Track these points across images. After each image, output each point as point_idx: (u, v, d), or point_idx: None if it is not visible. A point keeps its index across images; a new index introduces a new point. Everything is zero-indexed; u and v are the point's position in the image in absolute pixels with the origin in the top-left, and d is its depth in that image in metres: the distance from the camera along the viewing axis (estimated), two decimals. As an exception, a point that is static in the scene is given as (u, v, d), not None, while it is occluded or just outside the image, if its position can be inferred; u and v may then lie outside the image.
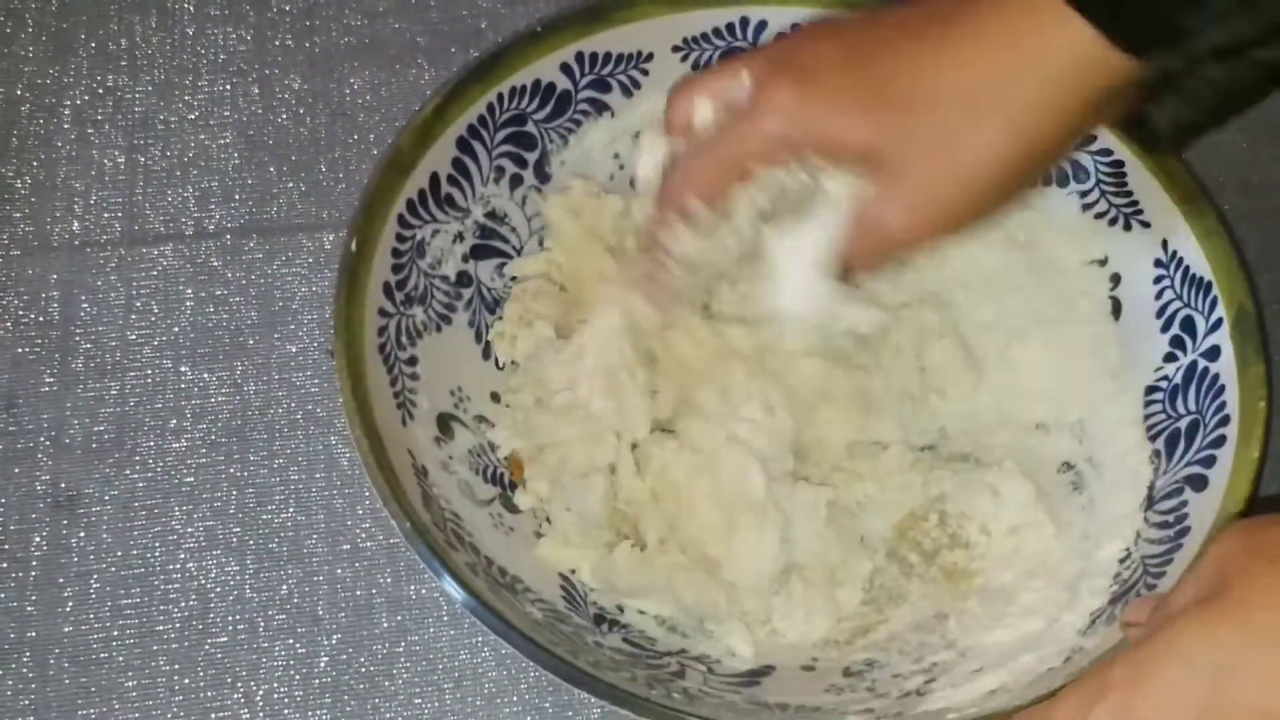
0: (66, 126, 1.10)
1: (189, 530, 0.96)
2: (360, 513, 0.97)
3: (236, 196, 1.08)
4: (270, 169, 1.09)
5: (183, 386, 1.01)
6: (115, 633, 0.92)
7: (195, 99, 1.12)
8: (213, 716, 0.90)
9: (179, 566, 0.95)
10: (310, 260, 1.06)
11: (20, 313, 1.02)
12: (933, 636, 0.90)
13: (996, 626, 0.88)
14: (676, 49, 0.99)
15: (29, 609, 0.93)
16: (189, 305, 1.04)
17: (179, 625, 0.93)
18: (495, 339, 0.96)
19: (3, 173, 1.08)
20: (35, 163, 1.08)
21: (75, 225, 1.06)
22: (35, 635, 0.92)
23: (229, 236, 1.06)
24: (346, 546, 0.96)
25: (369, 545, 0.96)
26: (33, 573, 0.94)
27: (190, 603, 0.94)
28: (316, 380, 1.01)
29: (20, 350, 1.01)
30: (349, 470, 0.98)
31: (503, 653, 0.92)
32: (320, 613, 0.94)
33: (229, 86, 1.13)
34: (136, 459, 0.98)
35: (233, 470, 0.98)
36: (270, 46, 1.15)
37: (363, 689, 0.92)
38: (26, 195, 1.07)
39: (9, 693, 0.90)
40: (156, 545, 0.95)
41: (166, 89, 1.12)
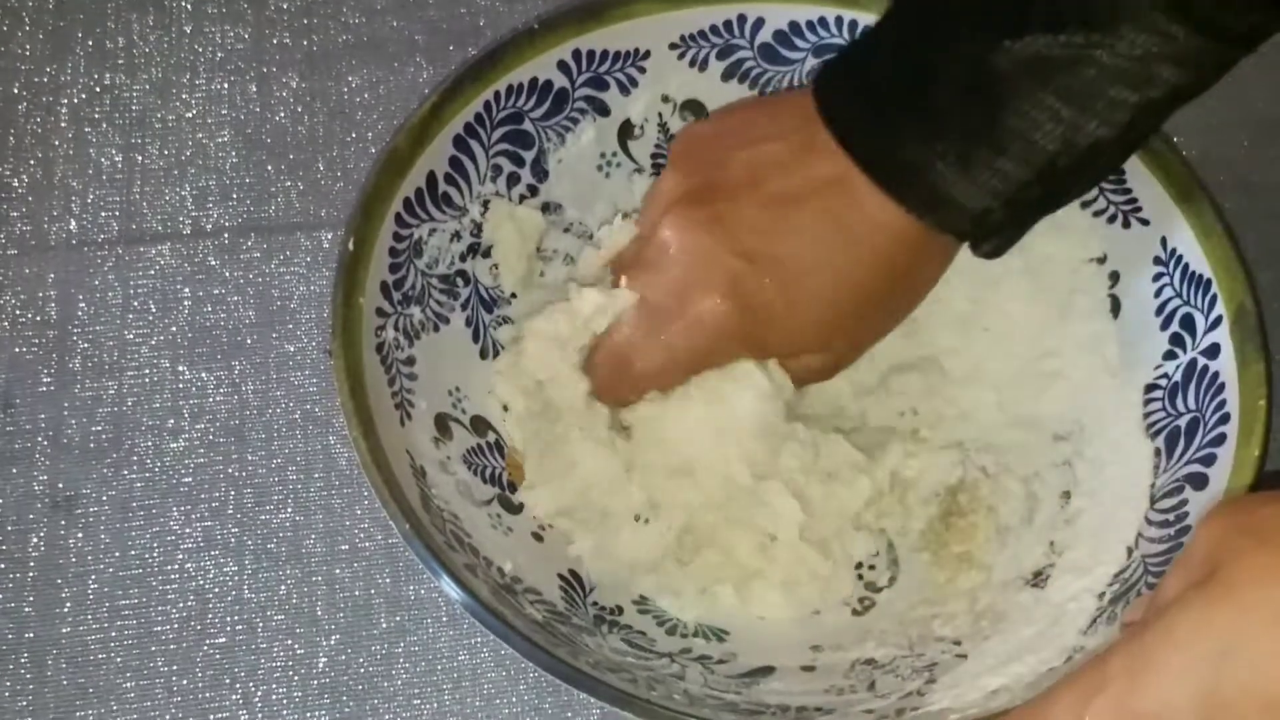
0: (63, 125, 1.10)
1: (187, 531, 0.96)
2: (359, 513, 0.97)
3: (234, 195, 1.08)
4: (268, 168, 1.09)
5: (180, 386, 1.01)
6: (113, 633, 0.92)
7: (193, 97, 1.12)
8: (211, 717, 0.90)
9: (177, 567, 0.95)
10: (308, 259, 1.05)
11: (17, 312, 1.02)
12: (931, 627, 0.90)
13: (996, 628, 0.88)
14: (674, 46, 0.98)
15: (26, 610, 0.93)
16: (186, 304, 1.03)
17: (177, 626, 0.93)
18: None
19: (0, 171, 1.08)
20: (32, 162, 1.08)
21: (72, 224, 1.06)
22: (33, 636, 0.92)
23: (227, 235, 1.06)
24: (345, 547, 0.96)
25: (367, 545, 0.96)
26: (30, 573, 0.94)
27: (188, 603, 0.94)
28: (315, 380, 1.01)
29: (17, 350, 1.01)
30: (347, 470, 0.98)
31: (502, 653, 0.92)
32: (319, 613, 0.94)
33: (226, 85, 1.13)
34: (134, 459, 0.98)
35: (231, 470, 0.98)
36: (268, 45, 1.14)
37: (361, 689, 0.92)
38: (23, 194, 1.07)
39: (7, 694, 0.90)
40: (154, 546, 0.95)
41: (164, 87, 1.12)
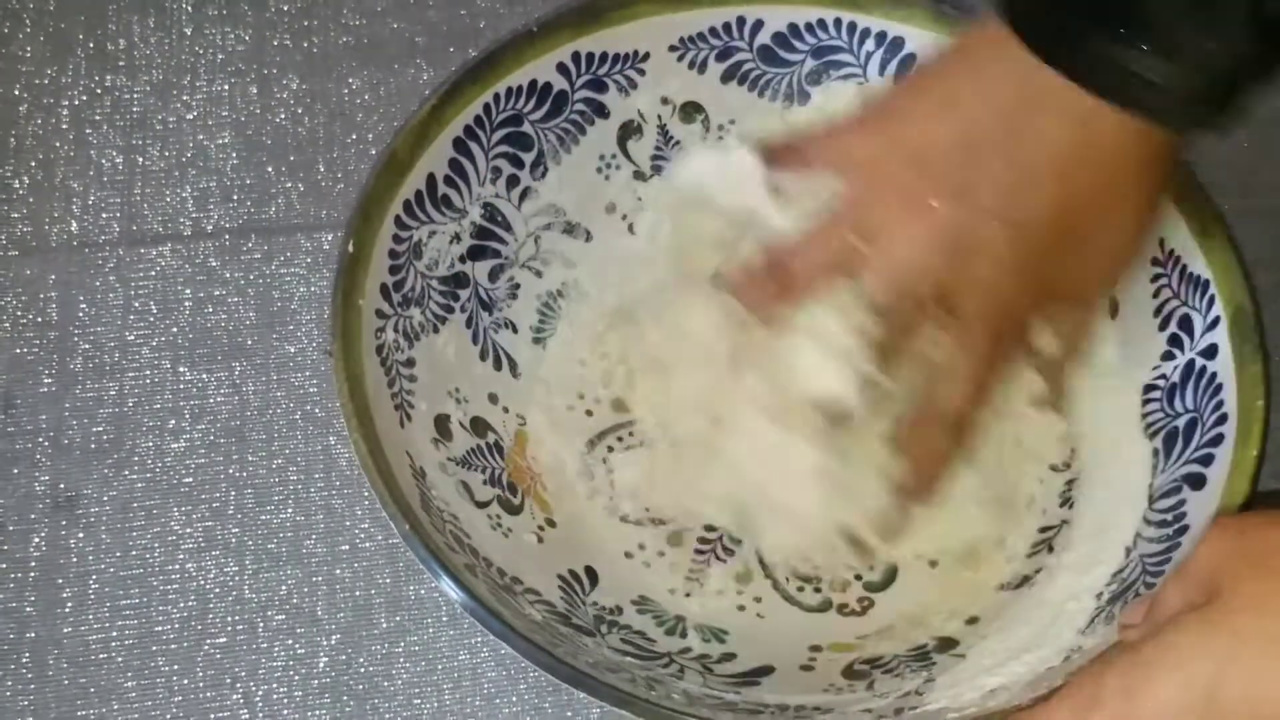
0: (64, 127, 1.10)
1: (188, 531, 0.96)
2: (359, 513, 0.97)
3: (235, 197, 1.08)
4: (269, 169, 1.09)
5: (181, 387, 1.01)
6: (114, 633, 0.93)
7: (193, 99, 1.12)
8: (212, 717, 0.91)
9: (178, 567, 0.95)
10: (309, 260, 1.06)
11: (18, 313, 1.02)
12: (930, 627, 0.91)
13: (994, 627, 0.88)
14: (673, 48, 0.99)
15: (28, 610, 0.93)
16: (187, 306, 1.04)
17: (178, 626, 0.93)
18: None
19: (0, 173, 1.08)
20: (33, 163, 1.08)
21: (73, 226, 1.06)
22: (34, 636, 0.92)
23: (227, 237, 1.06)
24: (345, 547, 0.96)
25: (368, 545, 0.96)
26: (32, 573, 0.94)
27: (189, 603, 0.94)
28: (315, 381, 1.01)
29: (18, 351, 1.01)
30: (348, 470, 0.98)
31: (502, 653, 0.92)
32: (319, 613, 0.94)
33: (227, 86, 1.13)
34: (135, 459, 0.98)
35: (231, 471, 0.98)
36: (268, 46, 1.15)
37: (362, 689, 0.92)
38: (24, 196, 1.07)
39: (8, 693, 0.90)
40: (155, 546, 0.95)
41: (164, 89, 1.12)
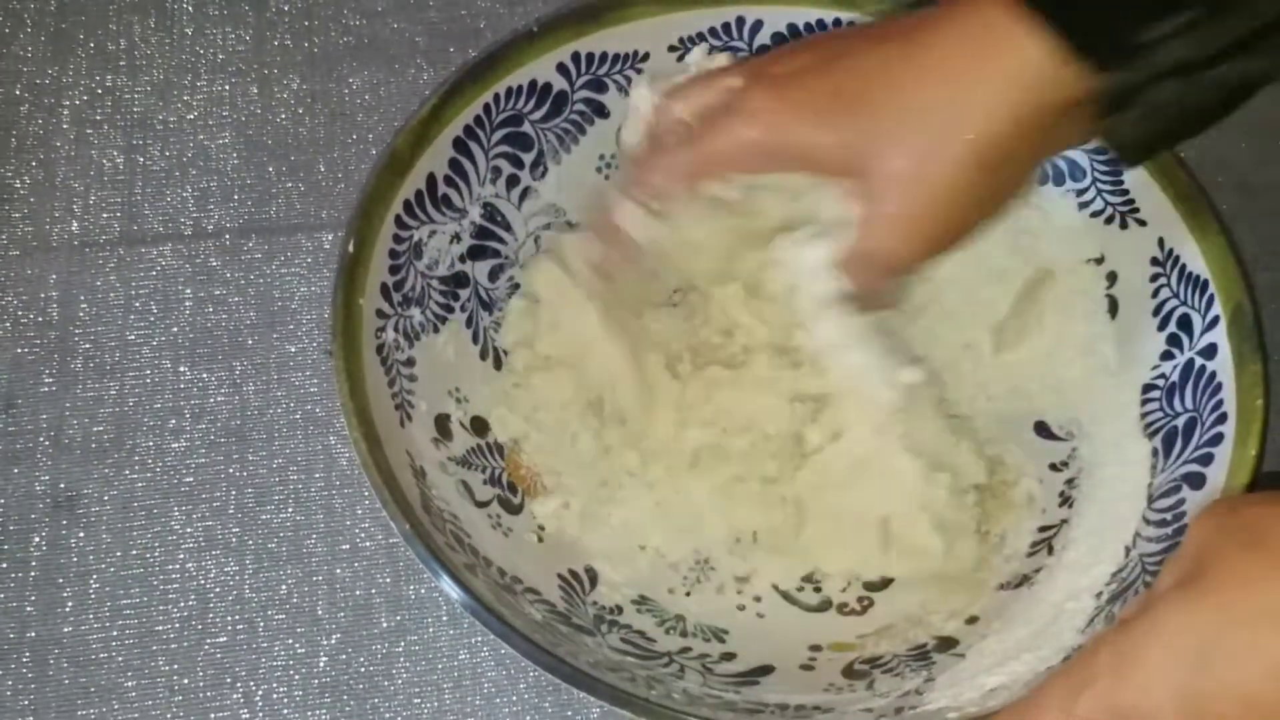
0: (65, 127, 1.10)
1: (188, 530, 0.96)
2: (359, 513, 0.97)
3: (235, 196, 1.08)
4: (269, 169, 1.09)
5: (182, 387, 1.01)
6: (115, 633, 0.93)
7: (194, 99, 1.12)
8: (212, 716, 0.91)
9: (178, 566, 0.95)
10: (309, 260, 1.06)
11: (19, 313, 1.02)
12: (930, 627, 0.91)
13: (994, 627, 0.88)
14: (672, 49, 0.99)
15: (28, 609, 0.93)
16: (188, 305, 1.04)
17: (178, 625, 0.93)
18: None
19: (2, 173, 1.08)
20: (34, 163, 1.09)
21: (74, 225, 1.06)
22: (35, 635, 0.92)
23: (228, 236, 1.06)
24: (346, 546, 0.96)
25: (368, 545, 0.96)
26: (32, 573, 0.94)
27: (189, 603, 0.94)
28: (315, 380, 1.01)
29: (19, 350, 1.01)
30: (348, 470, 0.98)
31: (502, 652, 0.92)
32: (319, 613, 0.94)
33: (228, 86, 1.13)
34: (136, 459, 0.98)
35: (232, 470, 0.98)
36: (269, 46, 1.15)
37: (362, 689, 0.92)
38: (25, 195, 1.07)
39: (8, 693, 0.90)
40: (156, 545, 0.96)
41: (165, 89, 1.13)
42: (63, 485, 0.97)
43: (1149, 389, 0.92)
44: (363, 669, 0.92)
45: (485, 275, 0.97)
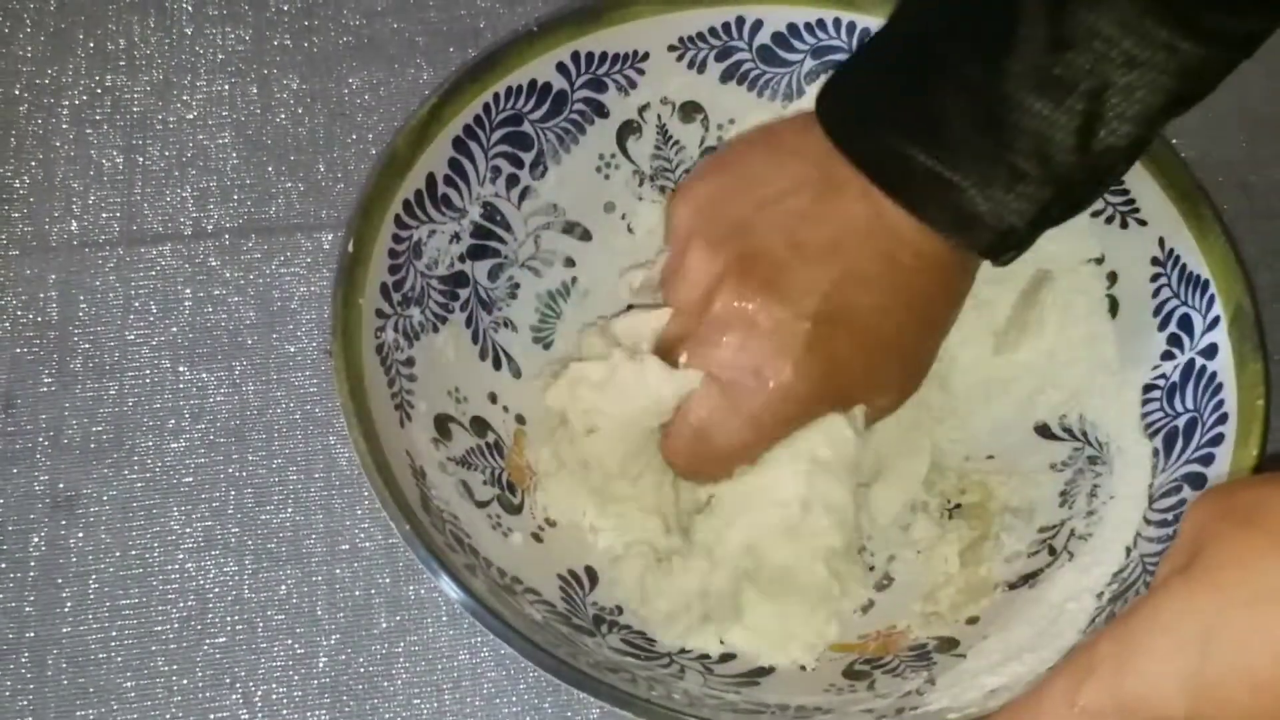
0: (65, 126, 1.10)
1: (187, 530, 0.96)
2: (359, 513, 0.97)
3: (235, 196, 1.08)
4: (269, 169, 1.09)
5: (181, 387, 1.01)
6: (114, 633, 0.92)
7: (193, 99, 1.12)
8: (211, 717, 0.91)
9: (177, 567, 0.95)
10: (309, 260, 1.06)
11: (18, 313, 1.02)
12: (930, 627, 0.91)
13: (995, 627, 0.88)
14: (672, 48, 0.99)
15: (27, 609, 0.93)
16: (187, 305, 1.04)
17: (177, 626, 0.93)
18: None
19: (1, 173, 1.08)
20: (33, 163, 1.08)
21: (73, 225, 1.06)
22: (34, 636, 0.92)
23: (227, 236, 1.06)
24: (345, 547, 0.96)
25: (368, 545, 0.96)
26: (31, 573, 0.94)
27: (189, 603, 0.94)
28: (315, 380, 1.01)
29: (18, 350, 1.01)
30: (348, 470, 0.98)
31: (502, 653, 0.92)
32: (319, 613, 0.94)
33: (227, 86, 1.13)
34: (135, 459, 0.98)
35: (231, 470, 0.98)
36: (268, 46, 1.15)
37: (361, 689, 0.92)
38: (24, 195, 1.07)
39: (7, 693, 0.90)
40: (155, 545, 0.95)
41: (165, 89, 1.12)
42: (62, 485, 0.97)
43: (1149, 389, 0.92)
44: (362, 669, 0.92)
45: (485, 275, 0.97)
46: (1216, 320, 0.88)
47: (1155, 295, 0.93)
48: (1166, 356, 0.91)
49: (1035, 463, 0.96)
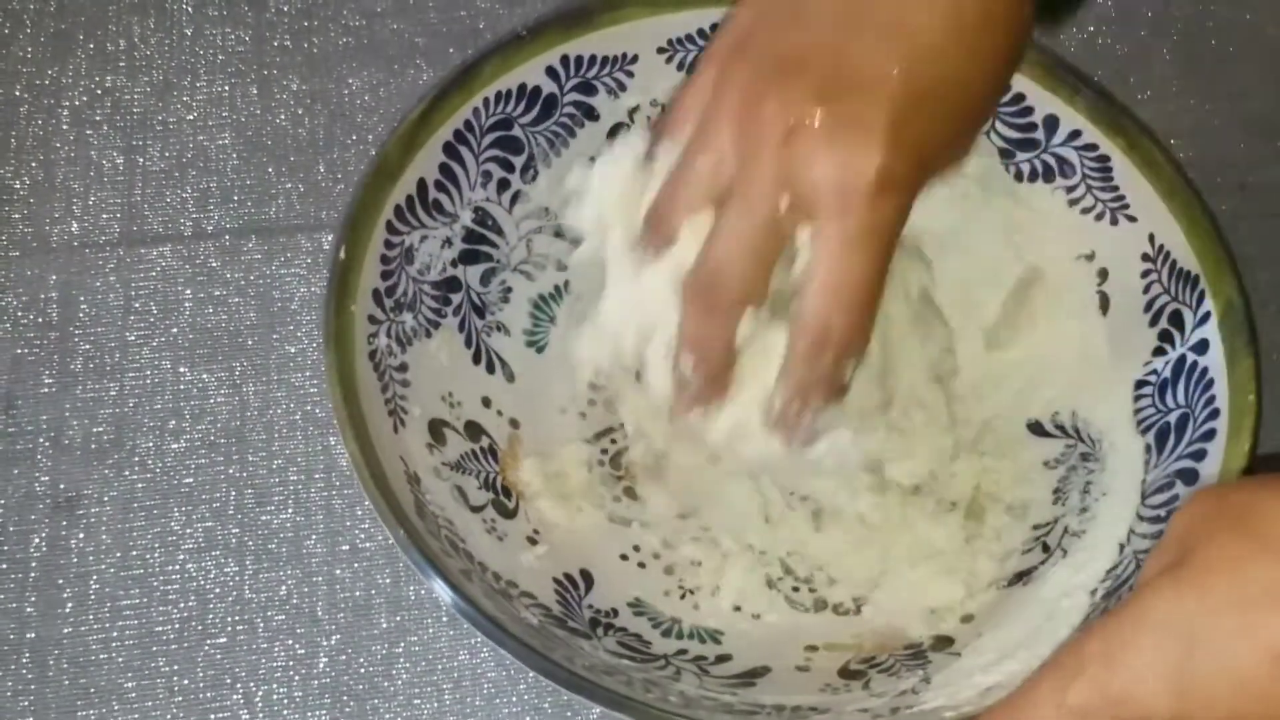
0: (65, 127, 1.11)
1: (188, 531, 0.97)
2: (359, 514, 0.98)
3: (235, 197, 1.09)
4: (269, 170, 1.10)
5: (181, 387, 1.01)
6: (114, 634, 0.93)
7: (194, 100, 1.13)
8: (211, 717, 0.91)
9: (178, 567, 0.95)
10: (309, 261, 1.06)
11: (19, 314, 1.03)
12: (925, 626, 0.91)
13: (989, 625, 0.89)
14: (661, 50, 0.98)
15: (28, 610, 0.94)
16: (188, 306, 1.04)
17: (178, 626, 0.94)
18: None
19: (1, 173, 1.08)
20: (34, 164, 1.09)
21: (74, 226, 1.06)
22: (34, 636, 0.93)
23: (228, 237, 1.07)
24: (345, 547, 0.97)
25: (368, 546, 0.97)
26: (32, 574, 0.95)
27: (189, 604, 0.94)
28: (315, 381, 1.02)
29: (19, 351, 1.02)
30: (348, 471, 0.98)
31: (502, 653, 0.92)
32: (319, 613, 0.95)
33: (227, 87, 1.13)
34: (135, 460, 0.99)
35: (232, 471, 0.99)
36: (268, 47, 1.15)
37: (362, 690, 0.92)
38: (25, 196, 1.07)
39: (8, 694, 0.91)
40: (155, 546, 0.96)
41: (165, 90, 1.13)
42: (62, 486, 0.97)
43: (1141, 385, 0.92)
44: (362, 670, 0.93)
45: (477, 279, 0.97)
46: (1207, 316, 0.88)
47: (1146, 291, 0.93)
48: (1158, 352, 0.91)
49: (1028, 460, 0.96)
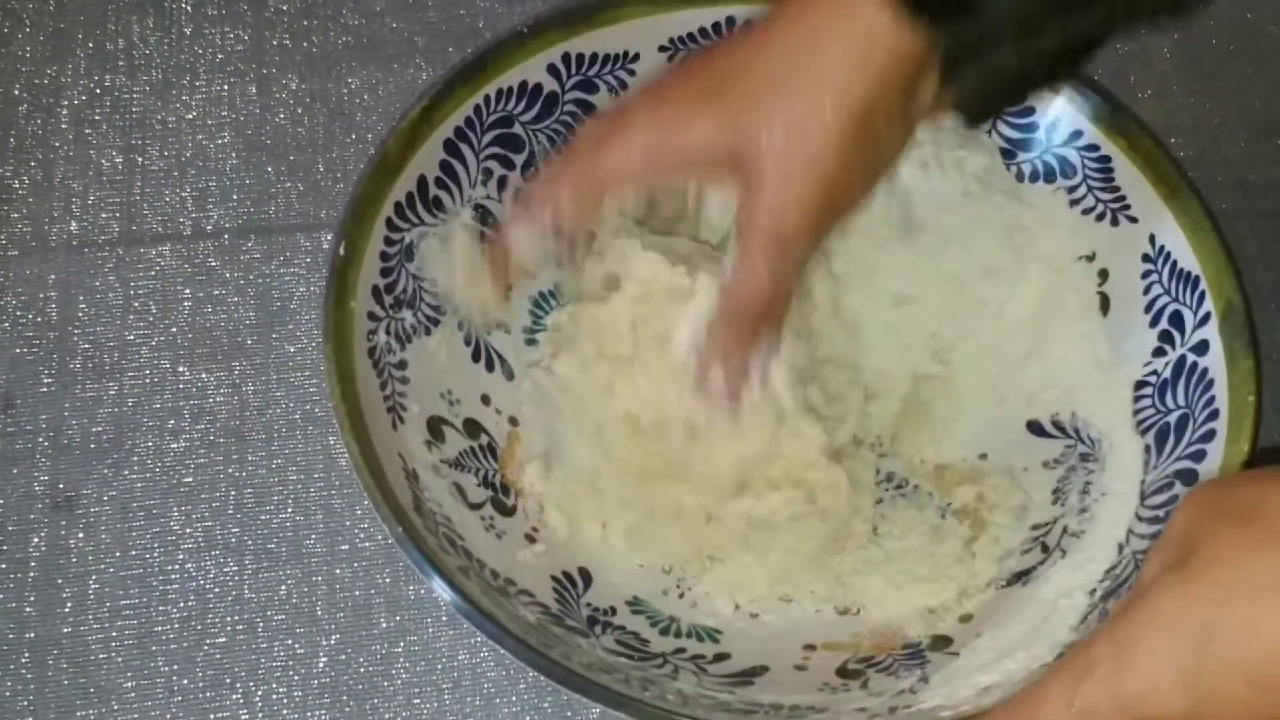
0: (64, 127, 1.11)
1: (188, 531, 0.96)
2: (359, 513, 0.98)
3: (234, 196, 1.09)
4: (268, 169, 1.10)
5: (181, 387, 1.01)
6: (114, 633, 0.93)
7: (193, 99, 1.12)
8: (211, 717, 0.91)
9: (178, 567, 0.95)
10: (308, 260, 1.06)
11: (18, 313, 1.03)
12: (924, 625, 0.91)
13: (988, 625, 0.89)
14: (663, 49, 0.99)
15: (28, 610, 0.94)
16: (187, 305, 1.04)
17: (178, 626, 0.94)
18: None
19: (0, 173, 1.08)
20: (33, 163, 1.09)
21: (73, 225, 1.06)
22: (34, 636, 0.93)
23: (227, 236, 1.07)
24: (345, 547, 0.97)
25: (367, 545, 0.97)
26: (31, 573, 0.95)
27: (189, 603, 0.94)
28: (315, 380, 1.02)
29: (18, 351, 1.02)
30: (347, 470, 0.98)
31: (501, 653, 0.91)
32: (319, 613, 0.95)
33: (226, 86, 1.13)
34: (135, 459, 0.99)
35: (231, 470, 0.99)
36: (268, 46, 1.15)
37: (361, 689, 0.92)
38: (24, 195, 1.07)
39: (8, 693, 0.91)
40: (155, 546, 0.96)
41: (164, 89, 1.13)
42: (62, 486, 0.97)
43: (1141, 386, 0.92)
44: (362, 669, 0.93)
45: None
46: (1208, 317, 0.88)
47: (1146, 292, 0.93)
48: (1158, 353, 0.91)
49: (1028, 460, 0.96)
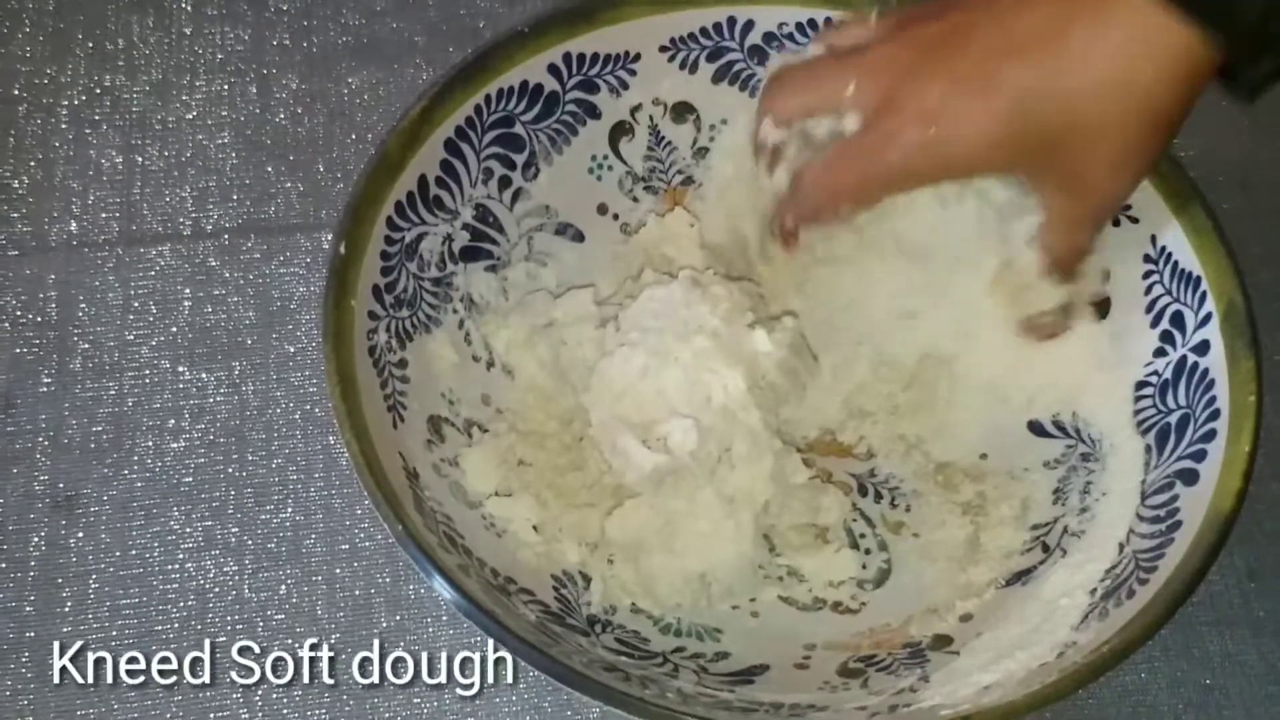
0: (64, 126, 1.11)
1: (187, 530, 0.97)
2: (359, 512, 0.98)
3: (234, 196, 1.09)
4: (268, 169, 1.10)
5: (181, 386, 1.01)
6: (114, 633, 0.93)
7: (193, 99, 1.13)
8: (211, 717, 0.91)
9: (177, 566, 0.95)
10: (308, 260, 1.06)
11: (18, 313, 1.03)
12: (924, 625, 0.91)
13: (988, 625, 0.88)
14: (664, 49, 0.99)
15: (27, 609, 0.94)
16: (187, 305, 1.04)
17: (178, 626, 0.94)
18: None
19: (0, 173, 1.08)
20: (33, 163, 1.09)
21: (73, 225, 1.06)
22: (34, 636, 0.93)
23: (227, 236, 1.07)
24: (345, 546, 0.97)
25: (367, 545, 0.97)
26: (31, 573, 0.95)
27: (189, 602, 0.94)
28: (315, 380, 1.02)
29: (18, 351, 1.02)
30: (347, 470, 0.99)
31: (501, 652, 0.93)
32: (319, 612, 0.95)
33: (226, 86, 1.13)
34: (135, 459, 0.99)
35: (231, 470, 0.99)
36: (268, 46, 1.15)
37: (361, 689, 0.92)
38: (24, 195, 1.07)
39: (8, 693, 0.91)
40: (155, 545, 0.96)
41: (164, 89, 1.13)
42: (62, 485, 0.98)
43: (1142, 386, 0.92)
44: (362, 669, 0.93)
45: (477, 276, 0.97)
46: (1209, 317, 0.88)
47: (1147, 292, 0.93)
48: (1159, 353, 0.91)
49: (1029, 460, 0.96)
